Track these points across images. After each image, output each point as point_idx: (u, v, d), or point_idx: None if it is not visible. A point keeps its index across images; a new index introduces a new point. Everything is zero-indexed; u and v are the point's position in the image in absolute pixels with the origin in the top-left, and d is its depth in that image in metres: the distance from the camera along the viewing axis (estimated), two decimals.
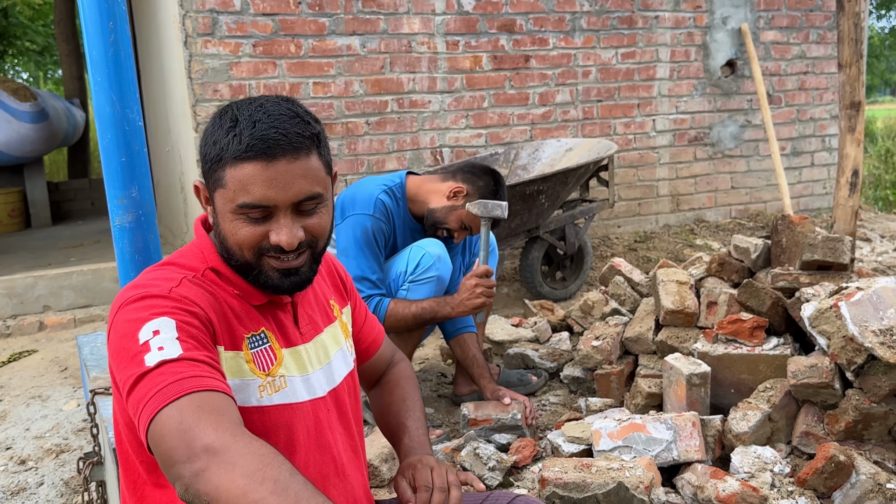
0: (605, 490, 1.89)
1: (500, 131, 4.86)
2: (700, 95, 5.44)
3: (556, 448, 2.34)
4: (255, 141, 1.12)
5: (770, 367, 2.37)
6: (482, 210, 2.53)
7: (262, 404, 1.16)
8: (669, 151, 5.43)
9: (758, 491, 1.94)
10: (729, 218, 5.72)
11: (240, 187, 1.12)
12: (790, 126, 5.79)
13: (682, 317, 2.72)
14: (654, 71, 5.24)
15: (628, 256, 4.98)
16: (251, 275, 1.20)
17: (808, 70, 5.77)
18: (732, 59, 5.50)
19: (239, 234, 1.16)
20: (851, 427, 2.09)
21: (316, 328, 1.32)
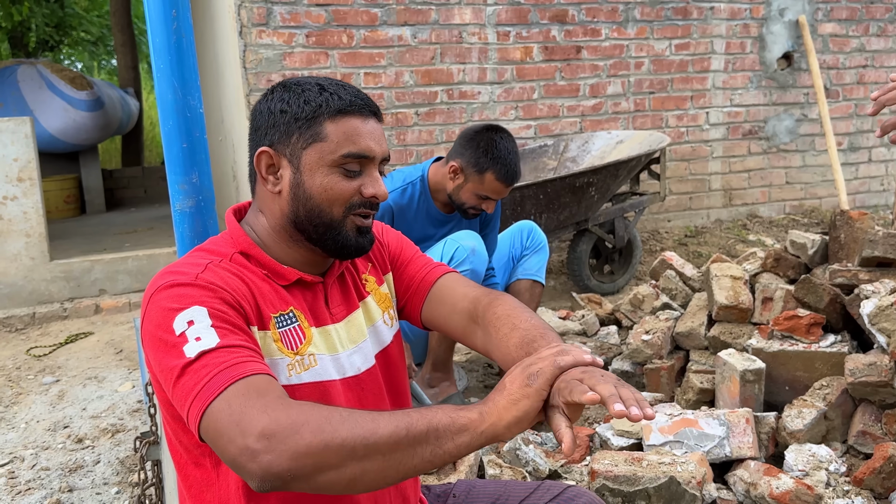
0: (656, 484, 1.87)
1: (550, 123, 4.83)
2: (755, 88, 5.33)
3: (605, 441, 2.32)
4: (353, 98, 1.20)
5: (826, 365, 2.32)
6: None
7: (291, 383, 1.17)
8: (723, 145, 5.33)
9: (812, 489, 1.90)
10: (783, 213, 5.60)
11: (344, 138, 1.19)
12: (847, 121, 5.65)
13: (735, 312, 2.68)
14: (709, 63, 5.15)
15: (678, 251, 4.92)
16: (328, 236, 1.22)
17: (868, 63, 5.61)
18: (789, 51, 5.37)
19: (335, 188, 1.19)
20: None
21: (348, 307, 1.31)
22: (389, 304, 1.41)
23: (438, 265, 1.48)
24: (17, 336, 4.06)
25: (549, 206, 3.80)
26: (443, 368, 2.74)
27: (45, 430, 2.88)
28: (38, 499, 2.36)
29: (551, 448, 2.38)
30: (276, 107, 1.21)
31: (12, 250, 4.29)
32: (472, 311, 1.38)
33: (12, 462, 2.63)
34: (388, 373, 1.37)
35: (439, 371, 2.73)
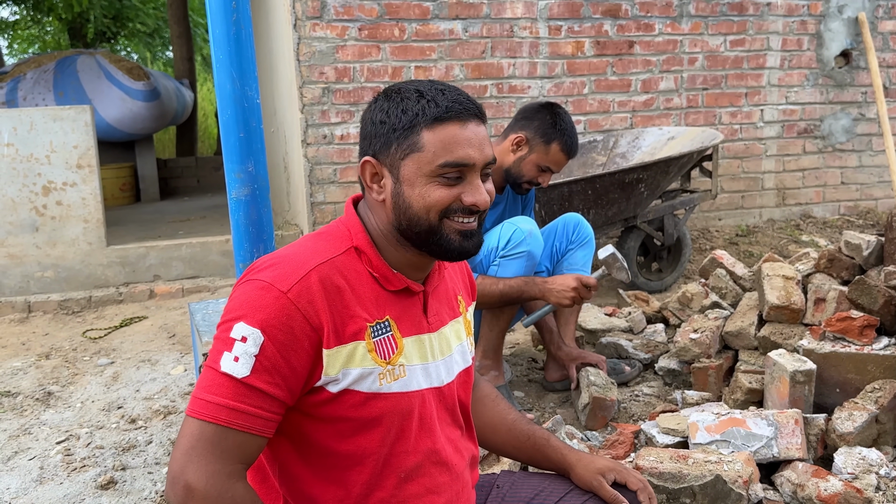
0: (701, 482, 1.86)
1: (600, 118, 4.80)
2: (812, 86, 5.22)
3: (650, 439, 2.31)
4: (451, 103, 1.21)
5: (879, 368, 2.27)
6: (609, 261, 2.55)
7: (381, 391, 1.21)
8: (777, 143, 5.24)
9: (862, 493, 1.87)
10: (837, 214, 5.48)
11: (441, 147, 1.19)
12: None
13: (787, 313, 2.64)
14: (764, 59, 5.06)
15: (729, 250, 4.84)
16: (431, 241, 1.24)
17: None
18: (847, 49, 5.24)
19: (431, 197, 1.21)
20: None
21: (442, 320, 1.34)
22: (471, 332, 1.45)
23: None
24: (74, 318, 4.19)
25: (598, 201, 3.77)
26: (493, 356, 2.75)
27: (100, 409, 2.98)
28: (92, 476, 2.44)
29: (596, 445, 2.38)
30: (377, 117, 1.23)
31: (71, 235, 4.42)
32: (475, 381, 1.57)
33: (68, 440, 2.72)
34: (464, 392, 1.40)
35: (489, 359, 2.75)
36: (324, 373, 1.16)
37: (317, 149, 4.34)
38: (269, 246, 1.99)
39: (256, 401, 1.11)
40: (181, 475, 1.08)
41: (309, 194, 4.38)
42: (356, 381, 1.18)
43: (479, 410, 1.54)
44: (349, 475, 1.22)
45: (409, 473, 1.25)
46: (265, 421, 1.12)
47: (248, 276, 1.18)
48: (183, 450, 1.09)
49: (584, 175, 3.87)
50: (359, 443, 1.21)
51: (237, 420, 1.10)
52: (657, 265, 4.39)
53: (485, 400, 1.55)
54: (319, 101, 4.29)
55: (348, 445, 1.21)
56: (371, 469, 1.22)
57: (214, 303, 2.55)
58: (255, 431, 1.12)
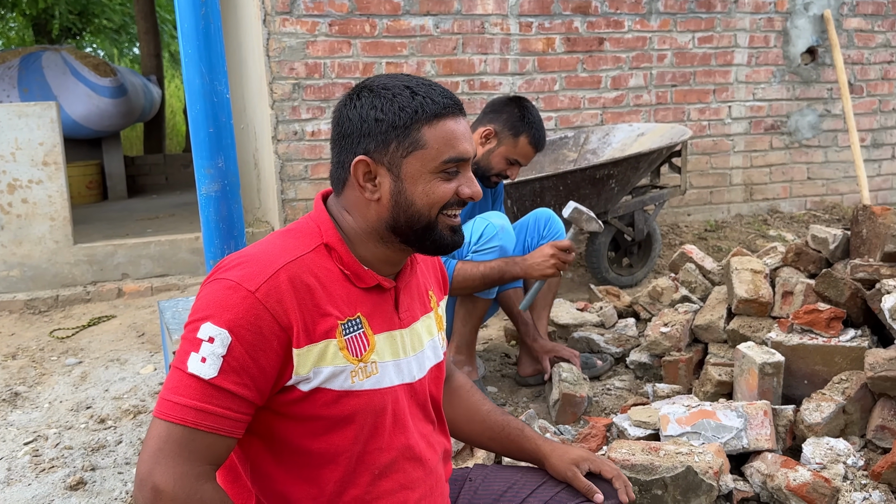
0: (673, 473, 1.88)
1: (571, 115, 4.82)
2: (778, 83, 5.29)
3: (622, 432, 2.33)
4: (445, 99, 1.22)
5: (846, 359, 2.31)
6: (575, 216, 2.56)
7: (353, 389, 1.20)
8: (744, 139, 5.30)
9: (830, 482, 1.90)
10: (804, 209, 5.56)
11: (444, 143, 1.20)
12: (871, 117, 5.59)
13: (755, 306, 2.68)
14: (732, 56, 5.12)
15: (698, 245, 4.90)
16: (426, 237, 1.25)
17: (893, 59, 5.55)
18: (813, 46, 5.33)
19: (436, 193, 1.22)
20: None
21: (413, 316, 1.34)
22: (442, 327, 1.44)
23: None
24: (41, 318, 4.12)
25: (569, 197, 3.79)
26: (466, 352, 2.76)
27: (69, 410, 2.93)
28: (61, 476, 2.40)
29: (569, 438, 2.40)
30: (368, 114, 1.21)
31: (37, 233, 4.35)
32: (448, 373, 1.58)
33: (36, 440, 2.67)
34: (435, 388, 1.40)
35: (462, 354, 2.76)
36: (294, 372, 1.15)
37: (287, 145, 4.31)
38: (241, 243, 1.97)
39: (224, 402, 1.10)
40: (149, 477, 1.08)
41: (280, 191, 4.35)
42: (328, 379, 1.17)
43: (453, 402, 1.55)
44: (322, 473, 1.21)
45: (383, 470, 1.25)
46: (234, 422, 1.11)
47: (216, 275, 1.17)
48: (150, 452, 1.09)
49: (555, 171, 3.89)
50: (331, 441, 1.20)
51: (205, 421, 1.09)
52: (628, 260, 4.42)
53: (459, 391, 1.56)
54: (290, 97, 4.26)
55: (321, 444, 1.20)
56: (344, 467, 1.22)
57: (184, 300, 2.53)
58: (224, 432, 1.11)
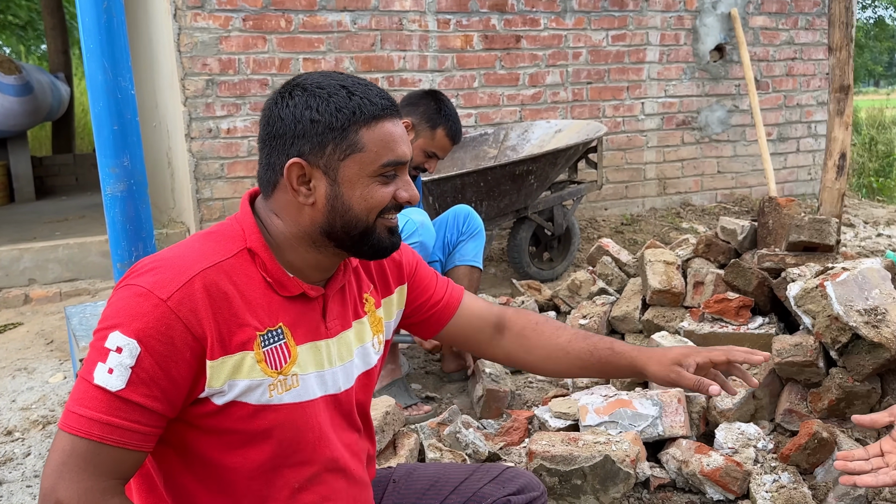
0: (591, 463, 1.92)
1: (490, 112, 4.86)
2: (689, 80, 5.45)
3: (543, 423, 2.36)
4: (383, 100, 1.17)
5: (755, 346, 2.40)
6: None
7: (271, 402, 1.16)
8: (657, 135, 5.45)
9: (741, 466, 1.97)
10: (714, 202, 5.76)
11: (382, 146, 1.16)
12: (777, 112, 5.83)
13: (668, 296, 2.76)
14: (644, 54, 5.25)
15: (615, 238, 5.00)
16: (364, 242, 1.21)
17: (796, 56, 5.80)
18: (721, 43, 5.51)
19: (375, 197, 1.18)
20: (834, 405, 2.13)
21: (342, 324, 1.29)
22: (381, 329, 1.39)
23: (453, 284, 1.54)
24: None
25: (490, 193, 3.82)
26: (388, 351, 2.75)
27: None
28: None
29: (492, 433, 2.41)
30: (303, 114, 1.15)
31: None
32: (497, 323, 1.52)
33: None
34: (364, 395, 1.36)
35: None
36: (207, 384, 1.10)
37: (202, 143, 4.20)
38: (149, 245, 1.91)
39: (132, 415, 1.05)
40: (52, 493, 1.03)
41: (195, 191, 4.23)
42: (243, 392, 1.13)
43: (525, 346, 1.50)
44: (239, 487, 1.17)
45: (304, 483, 1.21)
46: (143, 435, 1.06)
47: (127, 281, 1.11)
48: (54, 466, 1.03)
49: (476, 167, 3.91)
50: (249, 455, 1.16)
51: (111, 435, 1.04)
52: (548, 254, 4.49)
53: (525, 332, 1.51)
54: (203, 93, 4.15)
55: (237, 458, 1.16)
56: (263, 480, 1.18)
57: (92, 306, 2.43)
58: (132, 447, 1.06)
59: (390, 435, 2.16)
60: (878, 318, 2.05)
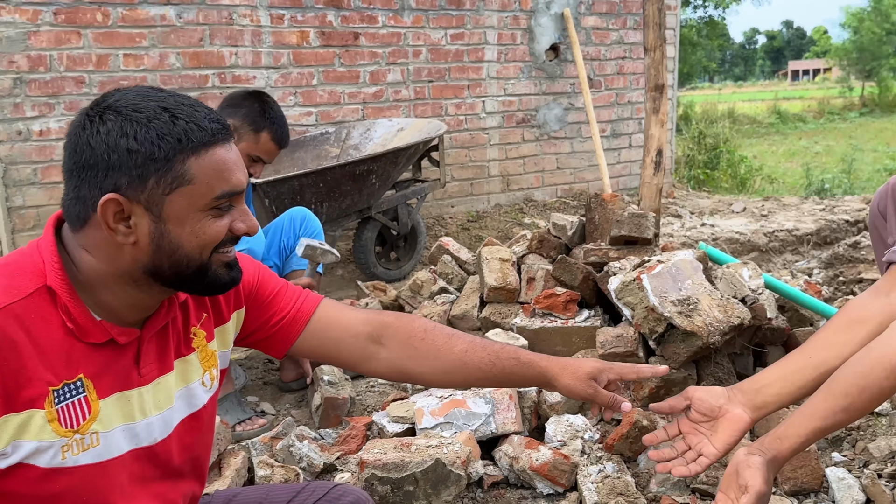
0: (423, 468, 1.89)
1: (331, 110, 4.76)
2: (526, 78, 5.59)
3: (382, 429, 2.32)
4: (214, 124, 1.05)
5: (582, 339, 2.47)
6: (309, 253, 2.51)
7: (64, 465, 1.02)
8: (499, 133, 5.55)
9: (569, 458, 2.01)
10: (555, 197, 5.94)
11: (215, 176, 1.04)
12: (610, 109, 6.09)
13: (504, 293, 2.79)
14: (483, 53, 5.32)
15: (462, 236, 5.06)
16: (198, 280, 1.09)
17: (626, 55, 6.07)
18: (556, 43, 5.68)
19: (207, 233, 1.06)
20: (654, 393, 2.21)
21: (161, 368, 1.16)
22: (214, 363, 1.27)
23: (308, 294, 1.39)
24: None
25: (330, 194, 3.74)
26: None
27: None
28: None
29: (329, 443, 2.35)
30: (118, 143, 1.00)
31: None
32: (374, 333, 1.38)
33: None
34: (191, 438, 1.23)
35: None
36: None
37: (11, 146, 3.85)
38: None
39: None
40: None
41: (5, 198, 3.88)
42: (31, 455, 0.99)
43: (414, 357, 1.37)
44: None
45: None
46: None
47: None
48: None
49: (314, 168, 3.81)
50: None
51: None
52: (395, 254, 4.46)
53: (413, 342, 1.37)
54: (11, 92, 3.80)
55: None
56: None
57: None
58: None
59: (214, 455, 2.04)
60: (691, 307, 2.15)
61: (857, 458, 2.06)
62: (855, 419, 1.35)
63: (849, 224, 4.62)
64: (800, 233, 4.53)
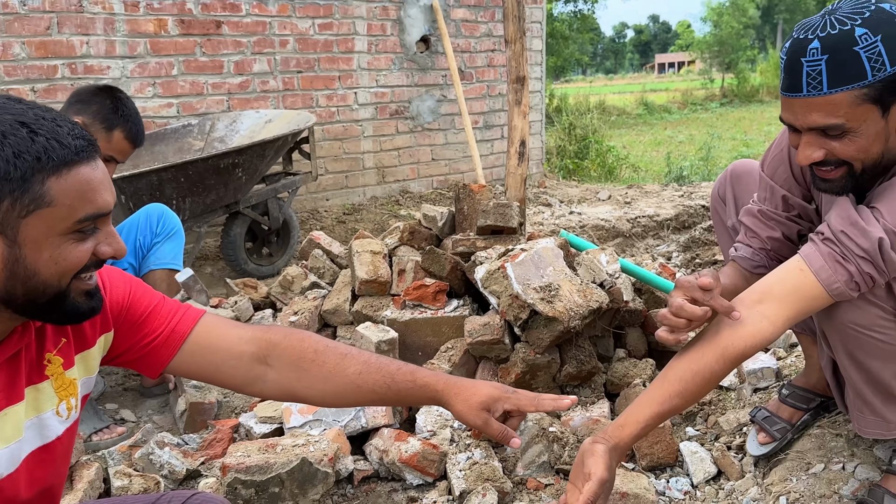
0: (288, 469, 1.85)
1: (194, 101, 4.58)
2: (398, 70, 5.57)
3: (249, 431, 2.26)
4: (78, 140, 0.96)
5: (452, 328, 2.48)
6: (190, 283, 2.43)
7: None
8: (373, 124, 5.51)
9: (437, 448, 2.02)
10: (431, 189, 5.96)
11: (78, 197, 0.96)
12: (482, 101, 6.16)
13: (375, 286, 2.76)
14: (353, 44, 5.26)
15: (338, 229, 4.99)
16: (55, 309, 1.00)
17: (496, 48, 6.16)
18: (426, 35, 5.69)
19: (69, 259, 0.97)
20: (521, 378, 2.26)
21: (9, 397, 1.06)
22: (73, 392, 1.17)
23: (187, 310, 1.29)
24: None
25: (193, 189, 3.60)
26: None
27: None
28: None
29: (192, 448, 2.25)
30: None
31: None
32: (258, 354, 1.30)
33: None
34: (43, 472, 1.13)
35: None
36: None
37: None
38: None
39: None
40: None
41: None
42: None
43: (304, 380, 1.31)
44: None
45: None
46: None
47: None
48: None
49: (175, 161, 3.65)
50: None
51: None
52: (267, 250, 4.36)
53: (303, 364, 1.31)
54: None
55: None
56: None
57: None
58: None
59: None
60: (552, 293, 2.20)
61: (710, 431, 2.17)
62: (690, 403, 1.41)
63: (705, 209, 4.88)
64: (660, 218, 4.75)
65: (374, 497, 2.02)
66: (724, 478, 1.97)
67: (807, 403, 1.96)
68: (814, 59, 1.34)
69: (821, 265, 1.39)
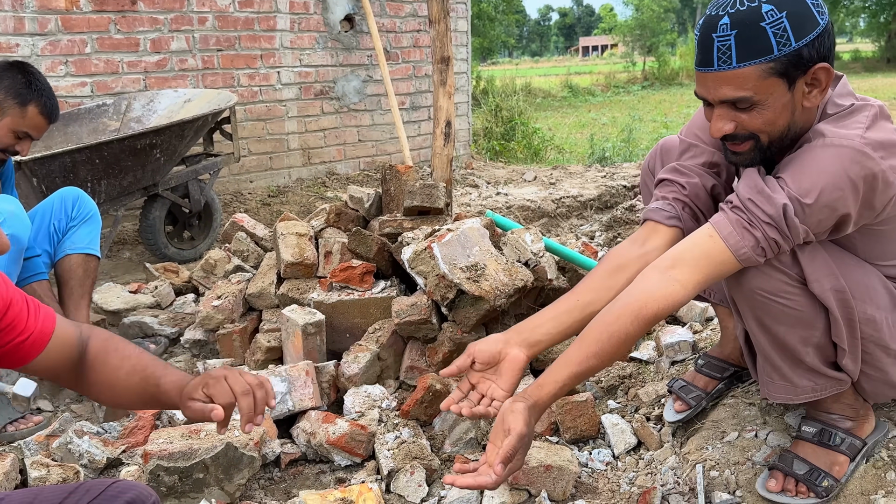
0: (213, 454, 1.82)
1: (109, 80, 4.41)
2: (322, 49, 5.49)
3: (172, 417, 2.21)
4: None
5: (379, 310, 2.48)
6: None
7: None
8: (297, 105, 5.42)
9: (366, 428, 2.02)
10: (358, 170, 5.92)
11: None
12: (408, 82, 6.14)
13: (301, 268, 2.73)
14: (275, 22, 5.15)
15: (262, 211, 4.91)
16: None
17: (422, 28, 6.13)
18: (351, 14, 5.62)
19: None
20: (448, 357, 2.27)
21: None
22: None
23: (44, 312, 1.27)
24: None
25: (109, 171, 3.48)
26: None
27: None
28: None
29: (112, 436, 2.20)
30: None
31: None
32: (78, 353, 1.30)
33: None
34: None
35: None
36: None
37: None
38: None
39: None
40: None
41: None
42: None
43: (92, 380, 1.31)
44: None
45: None
46: None
47: None
48: None
49: (89, 142, 3.52)
50: None
51: None
52: (189, 233, 4.25)
53: (96, 364, 1.31)
54: None
55: None
56: None
57: None
58: None
59: None
60: (479, 273, 2.22)
61: (630, 404, 2.24)
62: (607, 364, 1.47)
63: (626, 189, 5.00)
64: (584, 199, 4.84)
65: (301, 479, 2.02)
66: (643, 448, 2.04)
67: (721, 373, 2.04)
68: (724, 34, 1.40)
69: (729, 231, 1.45)
